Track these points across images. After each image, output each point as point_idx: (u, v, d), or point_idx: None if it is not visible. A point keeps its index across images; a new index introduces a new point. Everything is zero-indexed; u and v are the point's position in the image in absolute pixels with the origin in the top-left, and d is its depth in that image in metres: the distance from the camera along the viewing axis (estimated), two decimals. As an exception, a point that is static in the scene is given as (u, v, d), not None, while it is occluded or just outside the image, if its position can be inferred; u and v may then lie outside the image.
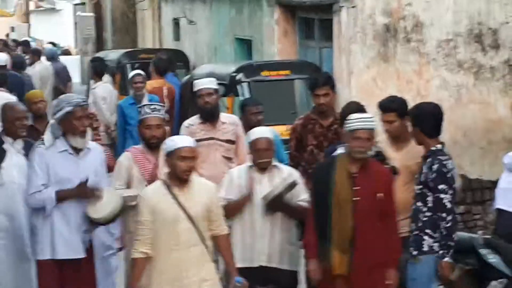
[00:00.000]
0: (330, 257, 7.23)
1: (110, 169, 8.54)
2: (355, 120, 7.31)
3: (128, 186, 8.00)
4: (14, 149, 8.17)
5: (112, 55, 19.81)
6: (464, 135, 13.55)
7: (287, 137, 11.81)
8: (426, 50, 13.75)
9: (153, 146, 7.95)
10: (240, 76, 13.11)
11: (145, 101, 12.45)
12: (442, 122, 8.16)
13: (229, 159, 9.41)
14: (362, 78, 13.55)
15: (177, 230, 6.80)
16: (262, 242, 7.84)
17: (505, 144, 11.91)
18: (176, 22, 23.04)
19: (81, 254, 7.60)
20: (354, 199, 7.18)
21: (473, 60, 13.80)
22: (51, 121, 7.79)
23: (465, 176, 12.58)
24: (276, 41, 16.50)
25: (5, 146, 8.13)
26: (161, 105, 8.27)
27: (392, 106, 8.58)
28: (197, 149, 7.14)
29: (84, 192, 7.52)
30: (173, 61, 17.57)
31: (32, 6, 43.55)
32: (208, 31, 20.77)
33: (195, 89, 9.78)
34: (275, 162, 8.06)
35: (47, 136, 7.66)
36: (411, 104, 13.68)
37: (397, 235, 7.46)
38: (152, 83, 14.33)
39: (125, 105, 13.03)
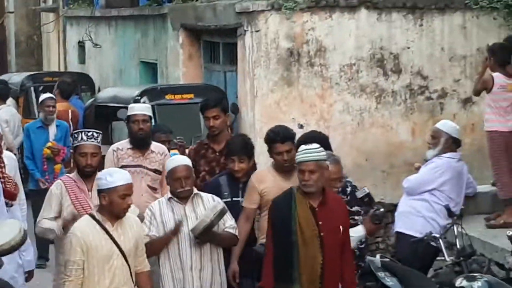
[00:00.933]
0: None
1: (13, 197, 8.00)
2: (300, 152, 7.18)
3: (59, 216, 7.72)
4: None
5: (15, 78, 19.55)
6: (366, 159, 13.63)
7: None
8: (329, 75, 13.80)
9: (87, 174, 7.70)
10: (144, 99, 13.05)
11: (53, 125, 12.53)
12: None
13: (154, 189, 9.26)
14: (266, 102, 13.54)
15: (111, 268, 6.57)
16: (193, 274, 7.65)
17: (406, 168, 12.00)
18: (81, 45, 22.88)
19: None
20: (321, 234, 6.96)
21: (375, 84, 13.91)
22: None
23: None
24: (181, 65, 16.46)
25: None
26: (98, 132, 7.86)
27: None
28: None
29: None
30: (77, 84, 17.51)
31: None
32: (113, 54, 20.68)
33: (129, 113, 9.50)
34: (195, 190, 7.88)
35: None
36: (314, 128, 13.80)
37: (353, 267, 7.42)
38: (60, 106, 14.18)
39: (32, 128, 12.77)
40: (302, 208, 6.95)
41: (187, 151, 9.56)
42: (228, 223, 7.71)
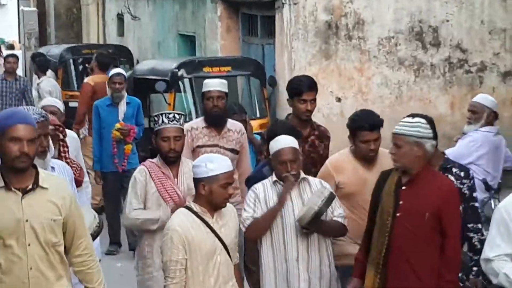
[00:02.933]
0: (366, 277, 6.36)
1: (78, 183, 7.29)
2: (399, 124, 6.38)
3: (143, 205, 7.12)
4: None
5: (55, 50, 19.70)
6: (405, 132, 13.59)
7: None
8: (367, 48, 13.78)
9: (171, 160, 7.04)
10: (181, 72, 13.04)
11: (123, 103, 11.67)
12: None
13: None
14: (304, 74, 13.54)
15: (215, 264, 5.88)
16: (299, 266, 6.82)
17: (444, 141, 11.86)
18: (120, 18, 22.96)
19: None
20: (397, 214, 6.15)
21: (414, 57, 13.87)
22: None
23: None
24: (219, 38, 16.43)
25: None
26: (180, 113, 7.14)
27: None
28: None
29: None
30: (115, 57, 17.51)
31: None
32: (151, 26, 20.72)
33: (204, 89, 8.80)
34: (302, 174, 7.01)
35: None
36: (352, 101, 13.79)
37: (456, 260, 6.25)
38: (94, 78, 14.20)
39: (102, 106, 11.81)
40: (390, 182, 6.28)
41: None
42: (337, 212, 6.82)
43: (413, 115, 6.68)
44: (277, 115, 13.55)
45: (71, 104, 15.80)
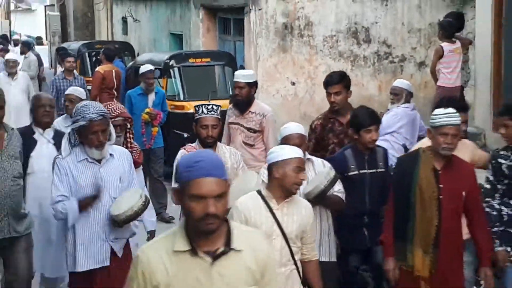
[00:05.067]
0: (412, 257, 5.46)
1: (137, 165, 6.64)
2: (441, 116, 5.44)
3: None
4: (44, 138, 6.75)
5: (74, 45, 19.47)
6: (344, 108, 13.67)
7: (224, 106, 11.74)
8: (315, 43, 13.81)
9: (208, 145, 6.35)
10: (172, 62, 12.96)
11: (153, 94, 11.02)
12: None
13: (249, 145, 7.94)
14: (266, 64, 13.55)
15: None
16: None
17: (374, 115, 12.00)
18: (124, 20, 22.80)
19: (104, 263, 5.73)
20: (440, 197, 5.36)
21: (351, 51, 13.92)
22: (68, 130, 5.82)
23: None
24: (201, 36, 16.39)
25: (35, 136, 6.71)
26: (217, 105, 6.44)
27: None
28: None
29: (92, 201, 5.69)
30: (120, 50, 17.45)
31: (12, 6, 42.77)
32: (148, 27, 20.60)
33: (234, 79, 8.31)
34: (307, 155, 6.32)
35: (63, 145, 5.74)
36: (303, 85, 13.81)
37: (487, 232, 5.58)
38: (103, 67, 14.14)
39: (134, 95, 11.17)
40: (425, 169, 5.40)
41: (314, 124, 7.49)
42: (337, 187, 6.15)
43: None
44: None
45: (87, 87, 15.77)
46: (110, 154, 5.75)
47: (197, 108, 6.36)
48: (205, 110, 6.30)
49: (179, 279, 3.16)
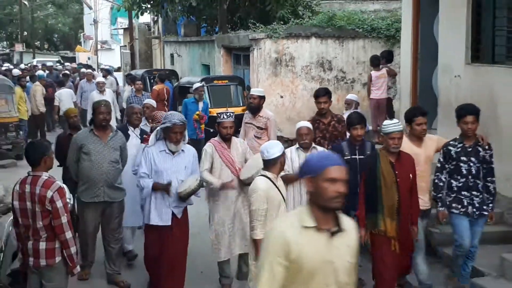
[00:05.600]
0: (383, 224, 5.27)
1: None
2: (389, 125, 5.29)
3: (211, 167, 6.06)
4: (134, 134, 6.93)
5: (138, 72, 19.46)
6: (314, 113, 13.65)
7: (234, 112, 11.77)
8: (296, 71, 13.81)
9: (226, 139, 6.07)
10: (203, 83, 13.00)
11: (202, 102, 10.93)
12: None
13: (257, 138, 7.83)
14: (264, 84, 13.55)
15: (280, 212, 4.76)
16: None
17: (334, 118, 12.03)
18: (171, 55, 22.80)
19: (168, 223, 5.70)
20: (397, 180, 5.24)
21: (319, 75, 13.91)
22: (158, 128, 5.82)
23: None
24: (221, 66, 16.41)
25: (129, 132, 6.89)
26: (233, 112, 6.16)
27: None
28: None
29: (167, 190, 5.64)
30: (169, 75, 17.45)
31: (99, 46, 42.83)
32: (187, 60, 20.61)
33: (250, 93, 8.17)
34: (313, 144, 6.19)
35: (151, 137, 5.81)
36: (288, 98, 13.76)
37: (417, 201, 5.48)
38: (158, 86, 14.18)
39: (189, 102, 10.95)
40: (384, 162, 5.25)
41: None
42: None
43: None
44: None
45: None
46: (182, 150, 5.77)
47: (219, 114, 6.15)
48: (225, 116, 6.07)
49: (306, 249, 2.82)
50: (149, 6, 20.11)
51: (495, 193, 5.84)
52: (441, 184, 5.78)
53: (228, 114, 6.10)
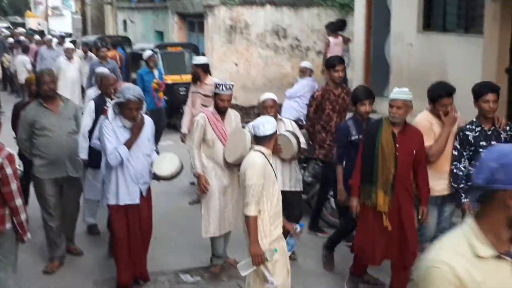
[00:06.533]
0: (375, 197, 4.83)
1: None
2: (394, 92, 4.80)
3: (203, 139, 5.56)
4: (110, 104, 5.90)
5: (90, 38, 18.90)
6: (270, 82, 13.61)
7: (183, 81, 11.55)
8: (250, 38, 13.65)
9: (223, 111, 5.52)
10: (156, 49, 12.72)
11: (156, 71, 10.24)
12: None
13: (205, 106, 7.43)
14: (218, 52, 13.38)
15: (275, 189, 4.28)
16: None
17: (289, 86, 11.99)
18: (124, 21, 22.20)
19: (136, 201, 5.15)
20: (396, 153, 4.75)
21: (274, 43, 13.81)
22: (113, 102, 5.16)
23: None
24: (175, 33, 16.08)
25: (107, 104, 6.19)
26: (232, 85, 5.55)
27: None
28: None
29: (138, 131, 5.08)
30: (122, 41, 16.99)
31: (49, 12, 41.36)
32: (140, 26, 20.10)
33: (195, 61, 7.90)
34: (279, 116, 5.74)
35: (110, 112, 5.10)
36: (243, 66, 13.66)
37: (427, 181, 4.92)
38: (111, 53, 13.83)
39: (144, 73, 10.30)
40: (385, 132, 4.78)
41: (315, 94, 6.48)
42: (302, 139, 5.65)
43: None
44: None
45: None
46: None
47: (218, 85, 5.46)
48: (224, 88, 5.44)
49: (487, 285, 1.95)
50: (100, -30, 19.50)
51: None
52: (461, 173, 5.09)
53: (227, 86, 5.48)
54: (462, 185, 5.05)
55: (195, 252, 6.16)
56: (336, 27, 10.86)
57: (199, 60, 7.95)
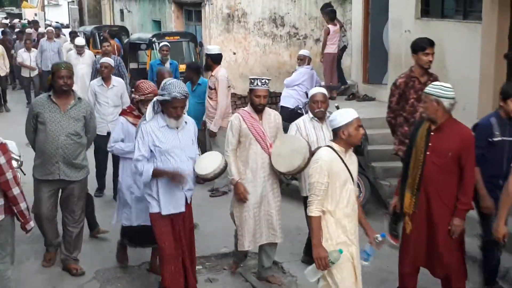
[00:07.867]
0: (404, 197, 4.53)
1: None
2: (429, 86, 4.41)
3: (239, 140, 5.07)
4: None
5: (88, 28, 18.78)
6: (267, 69, 13.55)
7: (181, 70, 11.42)
8: (248, 27, 13.56)
9: (259, 110, 5.06)
10: (154, 39, 12.63)
11: (168, 63, 9.91)
12: None
13: (209, 98, 7.54)
14: (216, 40, 13.27)
15: (347, 190, 3.94)
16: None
17: (286, 74, 11.91)
18: (121, 11, 22.06)
19: (182, 209, 4.60)
20: (427, 153, 4.35)
21: (271, 32, 13.71)
22: (154, 99, 4.58)
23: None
24: (173, 22, 15.96)
25: None
26: (269, 79, 5.07)
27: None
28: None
29: (177, 179, 4.48)
30: (119, 31, 16.87)
31: (46, 2, 41.10)
32: (138, 16, 19.96)
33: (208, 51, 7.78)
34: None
35: (148, 111, 4.56)
36: (241, 54, 13.59)
37: (470, 188, 4.36)
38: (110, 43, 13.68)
39: (155, 64, 9.98)
40: (422, 129, 4.43)
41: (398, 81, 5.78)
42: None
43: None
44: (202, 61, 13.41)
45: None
46: (185, 122, 4.64)
47: (252, 80, 5.04)
48: (259, 83, 5.00)
49: None
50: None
51: None
52: None
53: (263, 81, 5.01)
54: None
55: (196, 241, 6.11)
56: (335, 14, 10.77)
57: (209, 49, 7.90)
